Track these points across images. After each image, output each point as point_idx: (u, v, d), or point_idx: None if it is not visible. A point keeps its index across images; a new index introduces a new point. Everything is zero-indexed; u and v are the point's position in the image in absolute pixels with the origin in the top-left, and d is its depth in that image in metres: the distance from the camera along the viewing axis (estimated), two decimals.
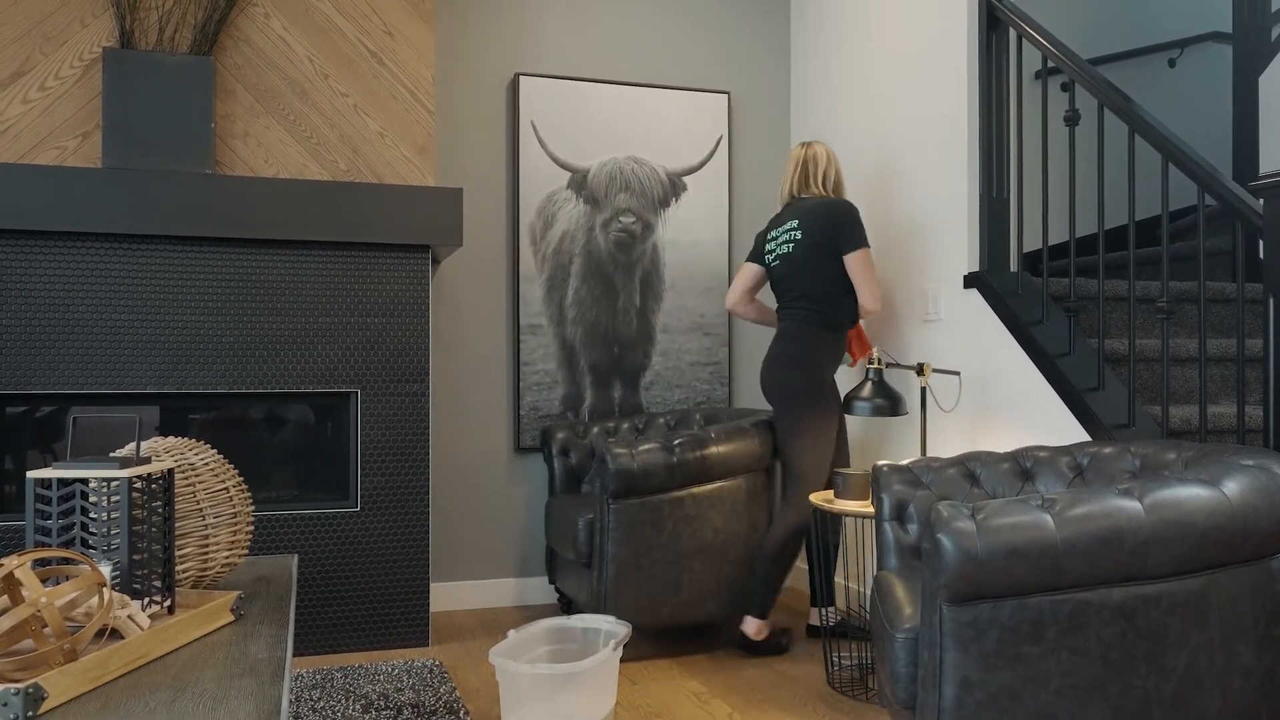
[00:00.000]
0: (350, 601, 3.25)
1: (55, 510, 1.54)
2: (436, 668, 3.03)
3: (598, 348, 4.02)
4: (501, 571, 3.92)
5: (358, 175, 3.35)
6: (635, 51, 4.15)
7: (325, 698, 2.77)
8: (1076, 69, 2.75)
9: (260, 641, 1.55)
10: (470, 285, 3.91)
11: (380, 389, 3.30)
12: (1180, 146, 2.49)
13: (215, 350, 3.15)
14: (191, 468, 1.84)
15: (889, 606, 2.01)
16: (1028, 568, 1.69)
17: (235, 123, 3.23)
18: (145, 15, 3.13)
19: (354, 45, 3.36)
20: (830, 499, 3.00)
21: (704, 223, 4.17)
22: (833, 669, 3.01)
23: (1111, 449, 2.34)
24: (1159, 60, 4.48)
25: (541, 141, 3.96)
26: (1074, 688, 1.72)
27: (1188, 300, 3.23)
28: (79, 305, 3.03)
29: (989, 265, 3.18)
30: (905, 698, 1.89)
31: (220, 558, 1.84)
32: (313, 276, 3.24)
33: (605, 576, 3.08)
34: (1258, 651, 1.82)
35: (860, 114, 3.84)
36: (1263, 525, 1.80)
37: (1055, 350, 2.81)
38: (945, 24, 3.32)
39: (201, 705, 1.24)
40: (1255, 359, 3.03)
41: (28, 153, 3.03)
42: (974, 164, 3.21)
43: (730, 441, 3.20)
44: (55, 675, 1.22)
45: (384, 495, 3.29)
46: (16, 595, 1.40)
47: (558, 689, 2.34)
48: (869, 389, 3.02)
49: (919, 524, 2.36)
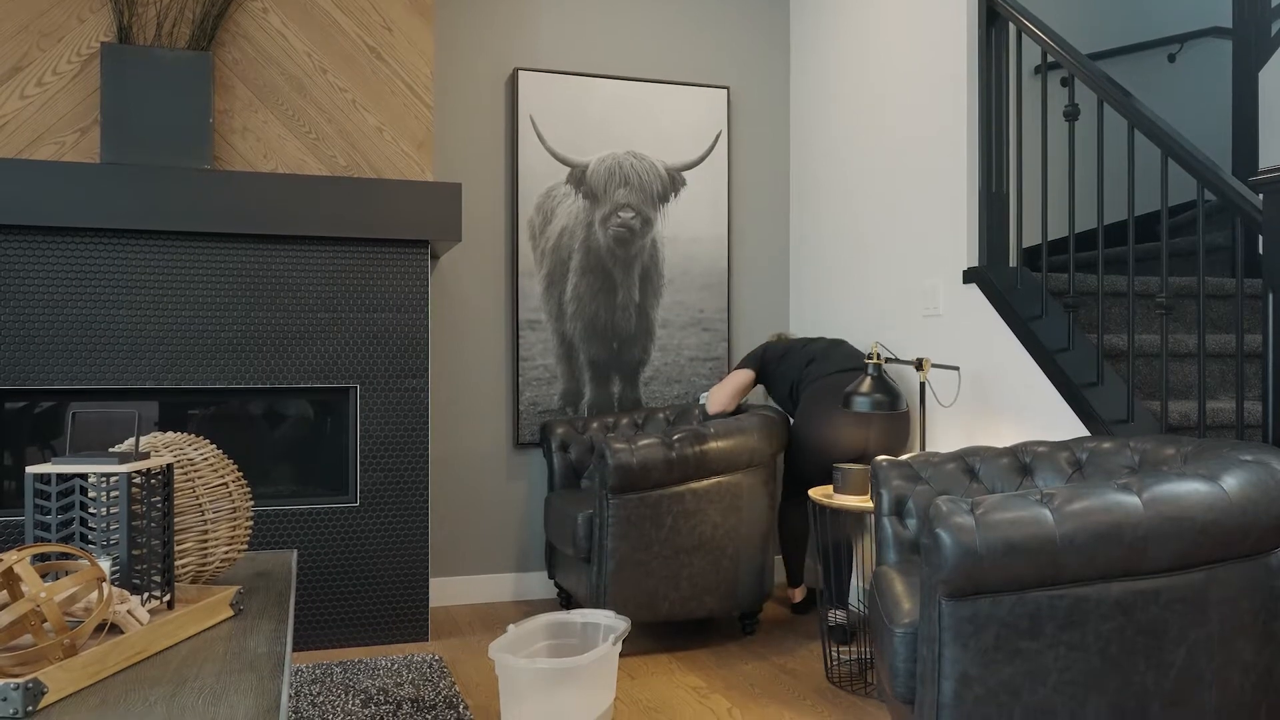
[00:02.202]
0: (350, 596, 3.25)
1: (54, 505, 1.54)
2: (436, 662, 3.03)
3: (597, 343, 4.02)
4: (501, 567, 3.92)
5: (356, 170, 3.35)
6: (634, 46, 4.14)
7: (325, 692, 2.77)
8: (1076, 64, 2.75)
9: (260, 636, 1.55)
10: (469, 280, 3.91)
11: (379, 384, 3.30)
12: (1180, 142, 2.48)
13: (214, 345, 3.15)
14: (191, 463, 1.84)
15: (888, 601, 2.01)
16: (1026, 563, 1.69)
17: (234, 118, 3.23)
18: (143, 10, 3.13)
19: (353, 40, 3.35)
20: (830, 494, 3.00)
21: (703, 218, 4.17)
22: (832, 664, 3.01)
23: (1110, 444, 2.34)
24: (1159, 55, 4.48)
25: (540, 136, 3.95)
26: (1072, 683, 1.72)
27: (1187, 295, 3.23)
28: (78, 300, 3.03)
29: (988, 260, 3.18)
30: (904, 693, 1.90)
31: (219, 553, 1.84)
32: (312, 272, 3.24)
33: (604, 571, 3.08)
34: (1256, 647, 1.83)
35: (860, 108, 3.84)
36: (1262, 521, 1.80)
37: (1054, 345, 2.81)
38: (944, 19, 3.32)
39: (201, 700, 1.24)
40: (1254, 354, 3.03)
41: (26, 148, 3.03)
42: (973, 158, 3.21)
43: (729, 437, 3.20)
44: (55, 670, 1.22)
45: (383, 490, 3.29)
46: (16, 590, 1.40)
47: (557, 684, 2.34)
48: (868, 384, 3.02)
49: (918, 519, 2.37)
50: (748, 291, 4.27)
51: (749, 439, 3.24)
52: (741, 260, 4.27)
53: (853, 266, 3.88)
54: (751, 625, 3.39)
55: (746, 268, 4.28)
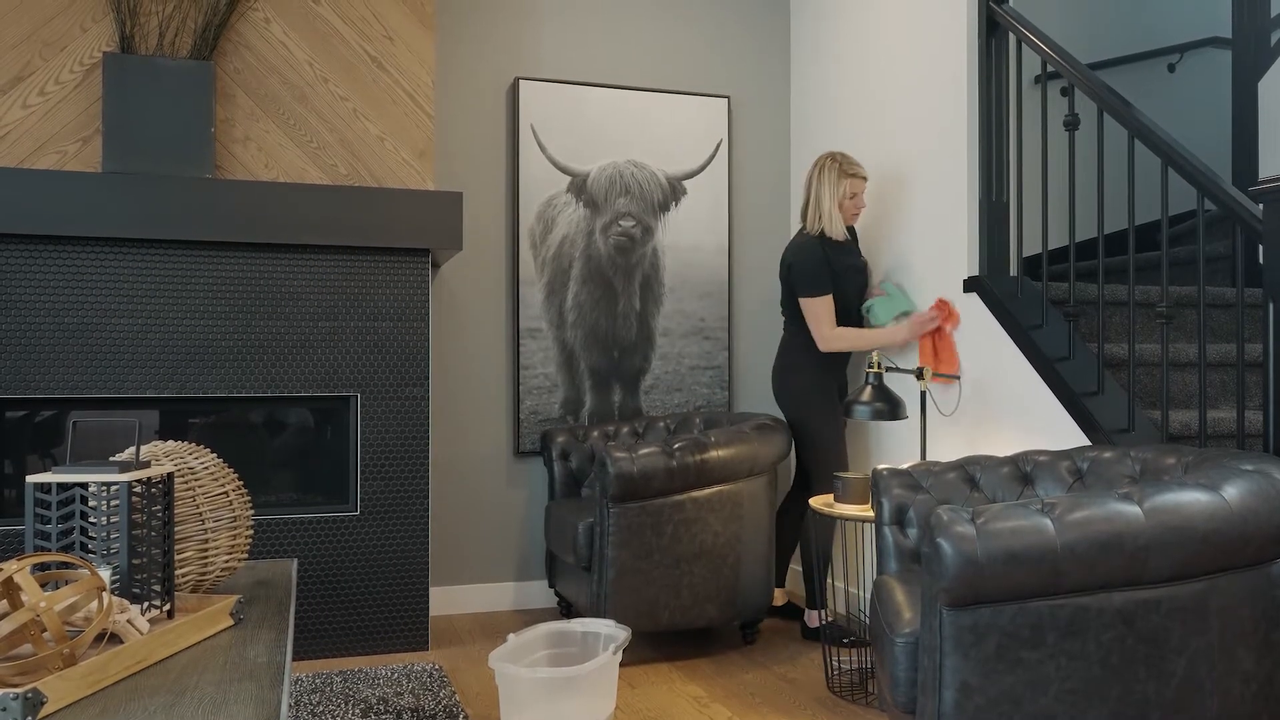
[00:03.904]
0: (350, 605, 3.24)
1: (55, 515, 1.54)
2: (436, 672, 3.03)
3: (597, 352, 4.02)
4: (501, 575, 3.91)
5: (358, 179, 3.35)
6: (635, 55, 4.15)
7: (325, 702, 2.77)
8: (1076, 74, 2.76)
9: (260, 645, 1.55)
10: (470, 289, 3.91)
11: (380, 393, 3.30)
12: (1180, 151, 2.49)
13: (215, 354, 3.15)
14: (191, 472, 1.84)
15: (889, 611, 2.01)
16: (1027, 572, 1.69)
17: (235, 127, 3.24)
18: (145, 20, 3.14)
19: (354, 50, 3.36)
20: (830, 503, 3.00)
21: (704, 227, 4.17)
22: (833, 673, 3.01)
23: (1111, 453, 2.34)
24: (1159, 65, 4.49)
25: (541, 145, 3.96)
26: (1073, 692, 1.72)
27: (1187, 305, 3.23)
28: (79, 309, 3.03)
29: (989, 269, 3.18)
30: (905, 702, 1.89)
31: (220, 562, 1.84)
32: (313, 281, 3.24)
33: (605, 580, 3.08)
34: (1257, 657, 1.82)
35: (860, 118, 3.85)
36: (1263, 530, 1.80)
37: (1055, 354, 2.81)
38: (945, 28, 3.32)
39: (201, 709, 1.24)
40: (1255, 364, 3.03)
41: (28, 157, 3.03)
42: (974, 168, 3.21)
43: (730, 445, 3.20)
44: (54, 680, 1.22)
45: (384, 499, 3.29)
46: (16, 600, 1.40)
47: (557, 693, 2.33)
48: (868, 393, 3.02)
49: (919, 528, 2.36)
50: (748, 300, 4.28)
51: (750, 447, 3.24)
52: (742, 269, 4.28)
53: None
54: (752, 634, 3.39)
55: (747, 276, 4.28)
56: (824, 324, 3.37)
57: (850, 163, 3.40)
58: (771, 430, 3.36)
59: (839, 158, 3.41)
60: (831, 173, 3.39)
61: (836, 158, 3.40)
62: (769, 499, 3.36)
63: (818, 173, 3.42)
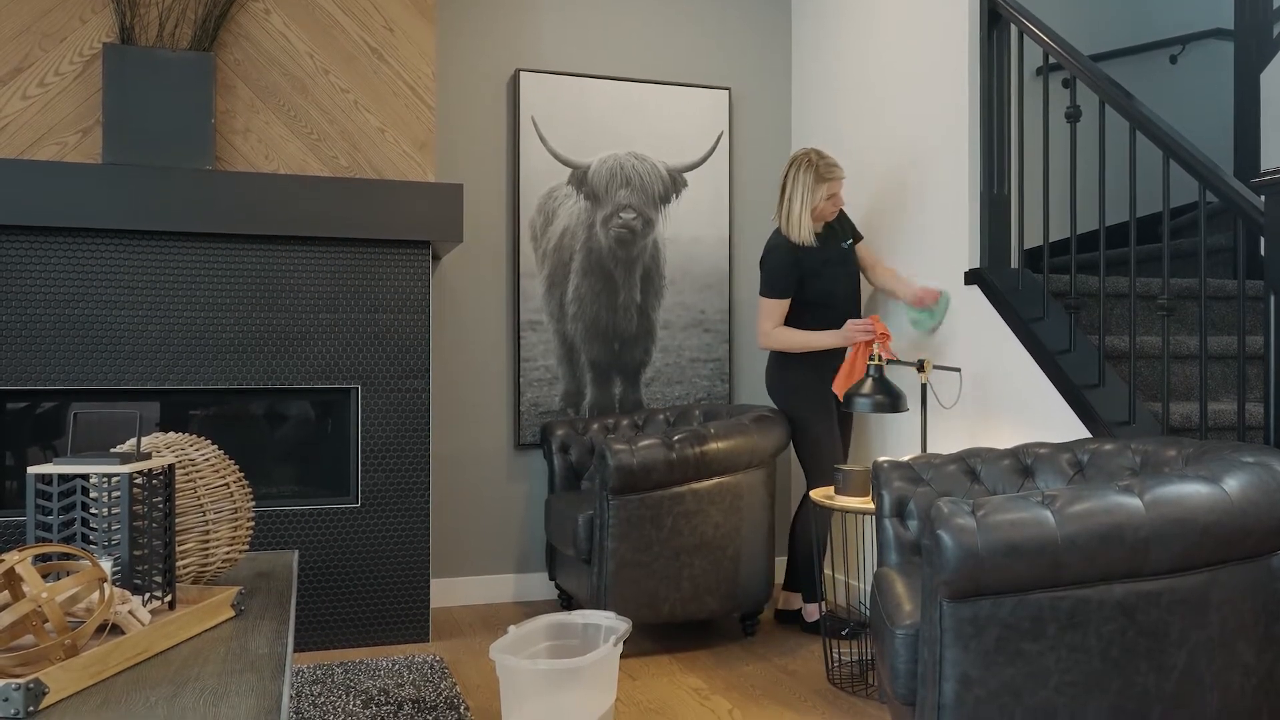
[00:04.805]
0: (351, 597, 3.25)
1: (56, 506, 1.55)
2: (437, 663, 3.03)
3: (598, 344, 4.02)
4: (501, 567, 3.92)
5: (358, 171, 3.35)
6: (636, 47, 4.14)
7: (326, 693, 2.77)
8: (1078, 65, 2.75)
9: (261, 637, 1.55)
10: (471, 281, 3.91)
11: (381, 385, 3.30)
12: (1181, 143, 2.48)
13: (216, 346, 3.15)
14: (192, 463, 1.84)
15: (889, 603, 2.01)
16: (1028, 564, 1.69)
17: (235, 118, 3.23)
18: (145, 11, 3.13)
19: (354, 41, 3.36)
20: (830, 495, 3.00)
21: (705, 219, 4.17)
22: (833, 665, 3.01)
23: (1112, 446, 2.34)
24: (1160, 57, 4.48)
25: (542, 137, 3.96)
26: (1073, 684, 1.72)
27: (1189, 297, 3.22)
28: (79, 301, 3.03)
29: (990, 262, 3.18)
30: (905, 694, 1.90)
31: (221, 553, 1.84)
32: (313, 272, 3.24)
33: (605, 572, 3.08)
34: (1258, 650, 1.82)
35: (861, 109, 3.84)
36: (1263, 522, 1.80)
37: (1056, 347, 2.81)
38: (946, 20, 3.31)
39: (202, 700, 1.24)
40: (1256, 356, 3.02)
41: (28, 149, 3.03)
42: (975, 160, 3.21)
43: (730, 437, 3.20)
44: (56, 670, 1.22)
45: (384, 491, 3.29)
46: (17, 591, 1.40)
47: (558, 685, 2.34)
48: (869, 385, 3.02)
49: (919, 520, 2.37)
50: (749, 292, 4.27)
51: (749, 439, 3.24)
52: (743, 261, 4.27)
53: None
54: (752, 626, 3.39)
55: (748, 269, 4.28)
56: (765, 321, 3.41)
57: (828, 165, 3.32)
58: (770, 422, 3.36)
59: (815, 160, 3.32)
60: (808, 176, 3.32)
61: (813, 159, 3.32)
62: (768, 490, 3.36)
63: (793, 173, 3.35)
